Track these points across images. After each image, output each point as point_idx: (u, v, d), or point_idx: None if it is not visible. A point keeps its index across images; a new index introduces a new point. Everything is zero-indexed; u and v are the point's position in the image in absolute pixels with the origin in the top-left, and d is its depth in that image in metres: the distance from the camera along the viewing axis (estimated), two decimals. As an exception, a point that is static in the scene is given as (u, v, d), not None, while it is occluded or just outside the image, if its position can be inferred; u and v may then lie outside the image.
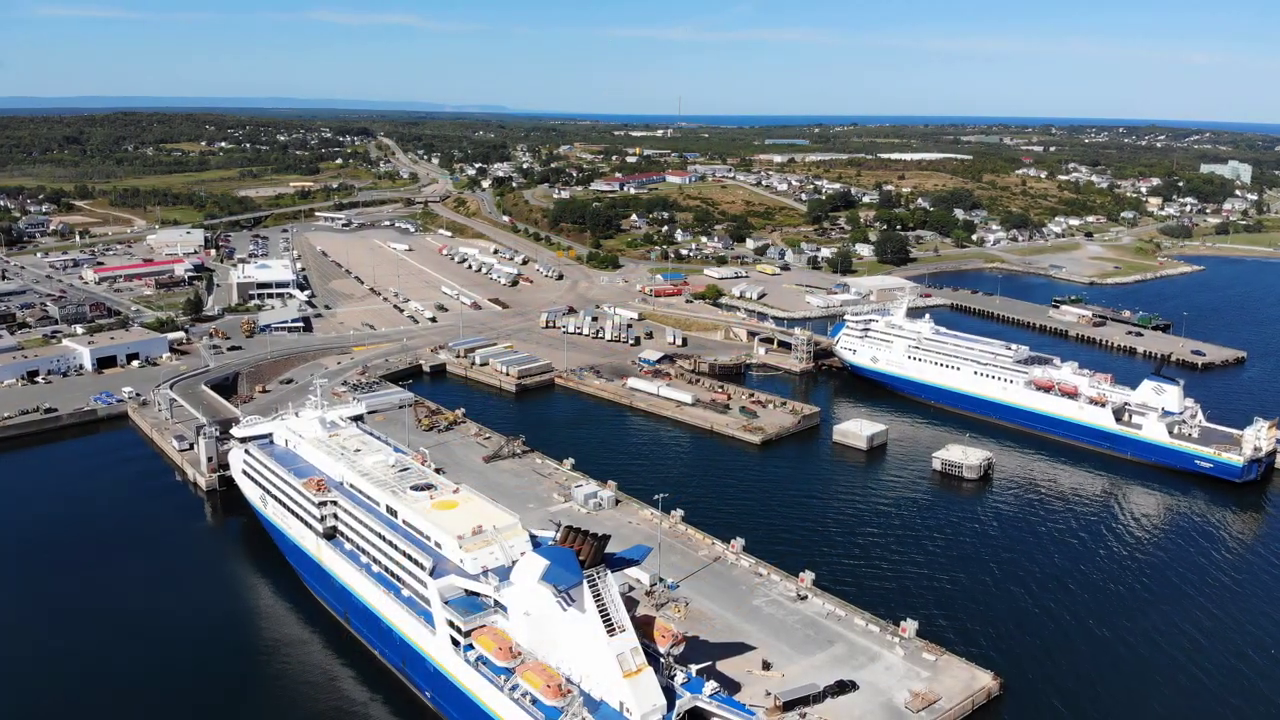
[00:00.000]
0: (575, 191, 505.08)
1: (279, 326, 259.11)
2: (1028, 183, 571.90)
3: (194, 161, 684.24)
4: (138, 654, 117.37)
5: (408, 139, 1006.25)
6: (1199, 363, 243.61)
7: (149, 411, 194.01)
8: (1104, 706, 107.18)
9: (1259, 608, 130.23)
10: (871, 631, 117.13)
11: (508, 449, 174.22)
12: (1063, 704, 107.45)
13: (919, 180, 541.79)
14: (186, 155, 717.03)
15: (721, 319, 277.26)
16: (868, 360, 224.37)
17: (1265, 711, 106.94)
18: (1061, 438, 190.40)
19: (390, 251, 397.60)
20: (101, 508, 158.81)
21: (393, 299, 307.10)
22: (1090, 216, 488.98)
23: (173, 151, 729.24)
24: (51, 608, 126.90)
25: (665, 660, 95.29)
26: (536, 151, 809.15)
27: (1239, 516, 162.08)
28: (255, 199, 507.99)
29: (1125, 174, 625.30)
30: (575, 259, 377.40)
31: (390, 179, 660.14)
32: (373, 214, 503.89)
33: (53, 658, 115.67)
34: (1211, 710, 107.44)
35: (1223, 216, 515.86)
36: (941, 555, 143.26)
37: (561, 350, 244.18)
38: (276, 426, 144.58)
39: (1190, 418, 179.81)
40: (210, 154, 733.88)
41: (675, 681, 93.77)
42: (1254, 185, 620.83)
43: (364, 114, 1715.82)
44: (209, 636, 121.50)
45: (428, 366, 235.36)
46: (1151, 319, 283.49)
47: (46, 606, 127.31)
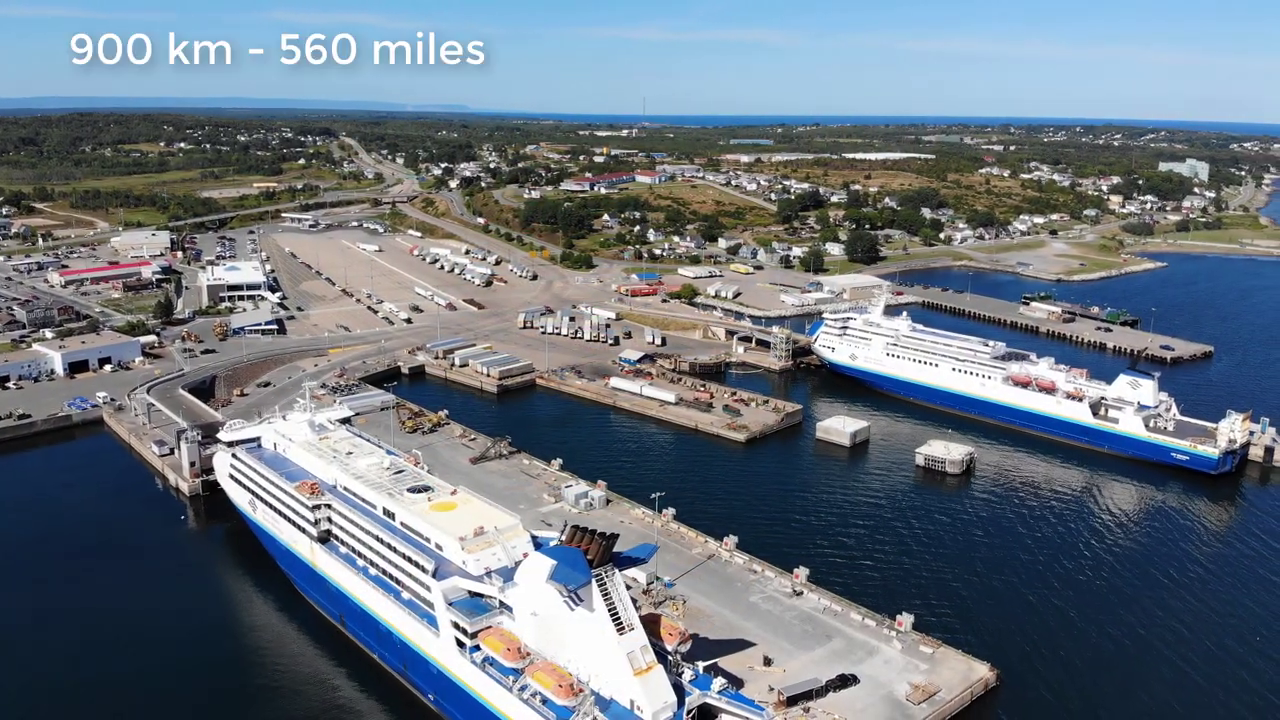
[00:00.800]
0: (545, 191, 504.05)
1: (252, 329, 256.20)
2: (991, 182, 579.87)
3: (153, 162, 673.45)
4: (127, 663, 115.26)
5: (370, 139, 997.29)
6: (1168, 357, 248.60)
7: (125, 416, 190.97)
8: (1096, 697, 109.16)
9: (1237, 597, 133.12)
10: (868, 626, 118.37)
11: (494, 450, 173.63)
12: (1057, 695, 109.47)
13: (885, 180, 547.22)
14: (145, 156, 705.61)
15: (700, 318, 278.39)
16: (846, 358, 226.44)
17: (1248, 699, 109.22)
18: (1040, 432, 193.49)
19: (360, 252, 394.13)
20: (81, 515, 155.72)
21: (366, 300, 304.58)
22: (1054, 214, 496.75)
23: (131, 152, 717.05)
24: (34, 619, 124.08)
25: (673, 658, 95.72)
26: (503, 151, 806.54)
27: (1214, 507, 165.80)
28: (219, 200, 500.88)
29: (1086, 172, 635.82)
30: (549, 259, 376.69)
31: (355, 179, 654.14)
32: (340, 214, 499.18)
33: (36, 670, 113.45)
34: (1197, 698, 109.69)
35: (1183, 214, 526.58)
36: (929, 549, 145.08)
37: (540, 351, 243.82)
38: (264, 430, 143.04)
39: (1165, 411, 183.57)
40: (170, 155, 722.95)
41: (683, 679, 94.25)
42: (1212, 183, 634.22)
43: (324, 114, 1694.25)
44: (200, 643, 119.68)
45: (406, 368, 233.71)
46: (1120, 315, 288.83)
47: (29, 617, 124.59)
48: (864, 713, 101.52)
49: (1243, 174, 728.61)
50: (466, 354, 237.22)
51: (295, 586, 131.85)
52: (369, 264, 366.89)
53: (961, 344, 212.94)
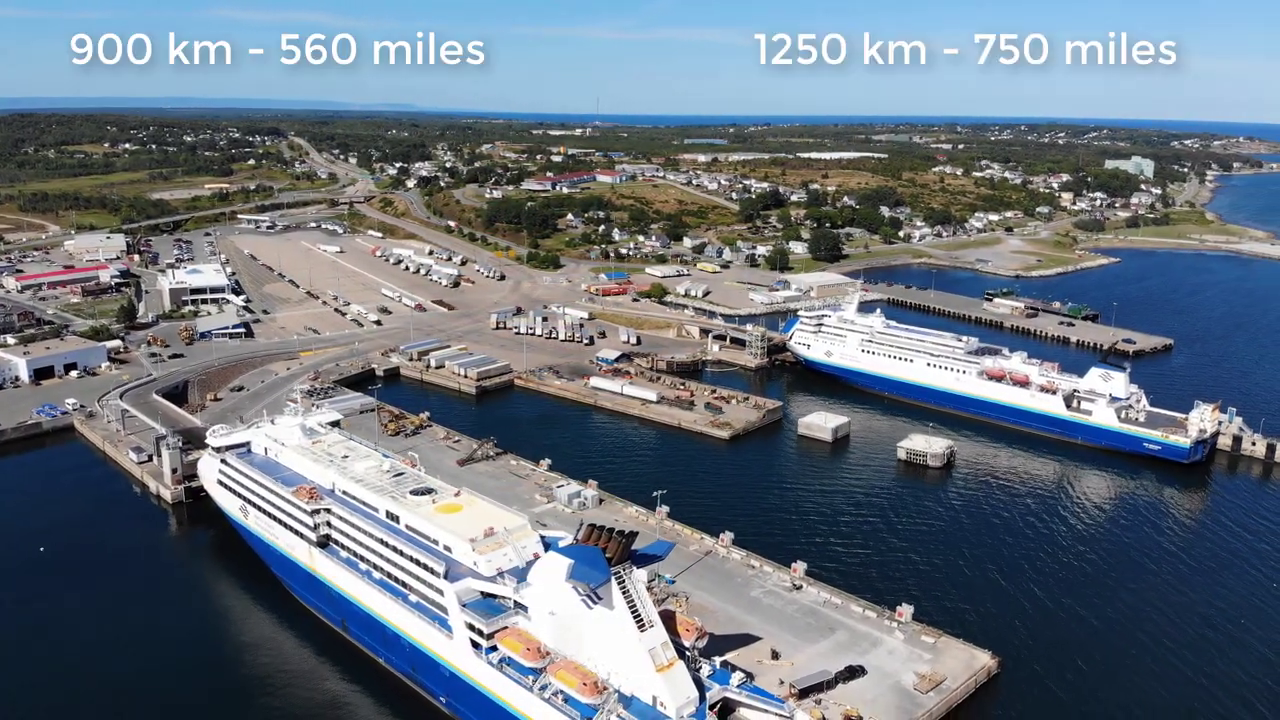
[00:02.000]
0: (507, 191, 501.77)
1: (219, 333, 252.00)
2: (945, 180, 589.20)
3: (99, 164, 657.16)
4: (124, 674, 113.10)
5: (320, 138, 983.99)
6: (1130, 350, 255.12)
7: (98, 423, 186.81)
8: (1092, 681, 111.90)
9: (1214, 581, 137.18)
10: (869, 617, 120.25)
11: (480, 452, 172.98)
12: (1055, 680, 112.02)
13: (842, 179, 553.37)
14: (90, 157, 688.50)
15: (673, 317, 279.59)
16: (822, 355, 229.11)
17: (1231, 686, 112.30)
18: (1015, 425, 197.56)
19: (321, 254, 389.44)
20: (59, 525, 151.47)
21: (332, 302, 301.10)
22: (1008, 212, 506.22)
23: (75, 154, 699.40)
24: (19, 634, 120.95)
25: (691, 654, 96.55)
26: (459, 150, 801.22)
27: (1187, 496, 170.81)
28: (171, 202, 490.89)
29: (1036, 170, 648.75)
30: (515, 259, 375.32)
31: (308, 179, 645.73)
32: (296, 215, 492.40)
33: (21, 688, 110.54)
34: (1185, 682, 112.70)
35: (1131, 210, 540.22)
36: (918, 540, 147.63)
37: (515, 351, 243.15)
38: (254, 434, 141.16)
39: (1136, 403, 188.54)
40: (115, 156, 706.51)
41: (701, 674, 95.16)
42: (1157, 180, 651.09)
43: (270, 113, 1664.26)
44: (197, 652, 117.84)
45: (380, 370, 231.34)
46: (1081, 309, 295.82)
47: (12, 631, 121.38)
48: (874, 703, 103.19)
49: (1186, 170, 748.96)
50: (442, 355, 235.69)
51: (292, 593, 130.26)
52: (331, 265, 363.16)
53: (935, 339, 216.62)
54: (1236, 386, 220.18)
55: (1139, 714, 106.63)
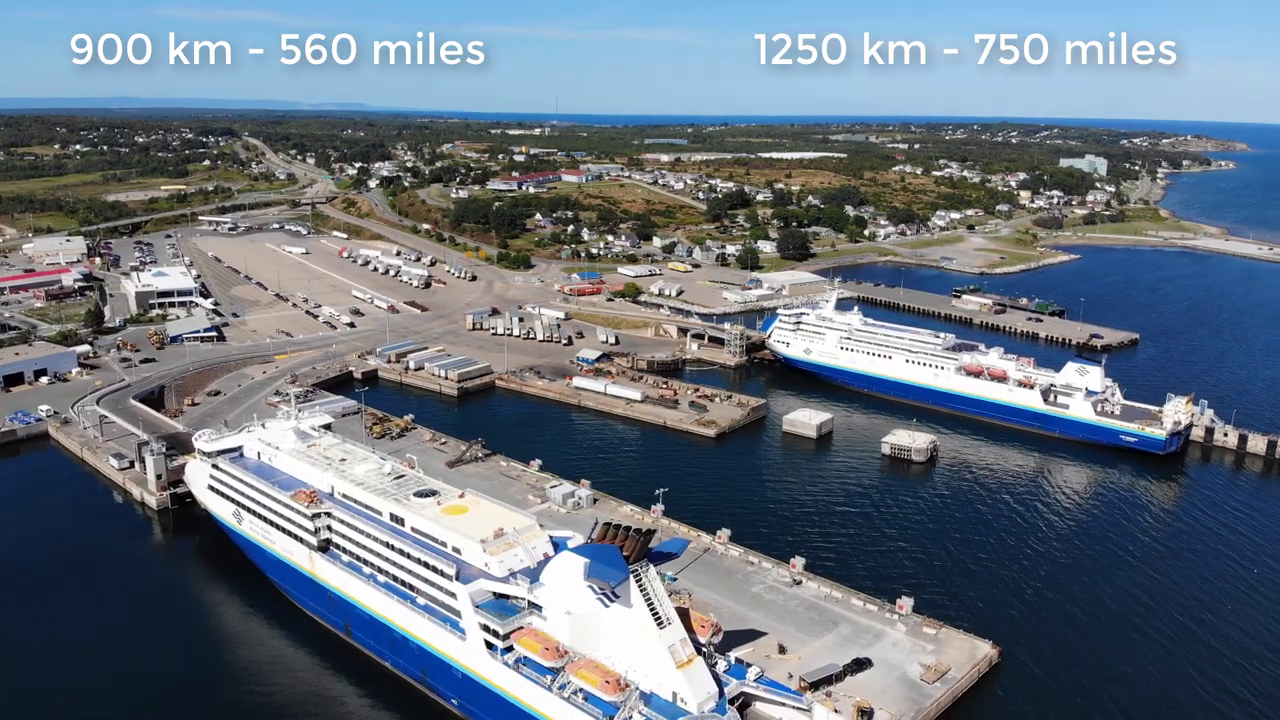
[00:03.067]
0: (473, 190, 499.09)
1: (190, 336, 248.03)
2: (906, 179, 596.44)
3: (50, 166, 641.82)
4: (120, 686, 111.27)
5: (275, 139, 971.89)
6: (1098, 345, 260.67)
7: (74, 430, 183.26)
8: (1088, 672, 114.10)
9: (1195, 570, 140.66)
10: (870, 610, 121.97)
11: (469, 453, 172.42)
12: (1054, 668, 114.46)
13: (806, 179, 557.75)
14: (41, 159, 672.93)
15: (651, 317, 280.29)
16: (801, 352, 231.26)
17: (1219, 677, 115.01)
18: (994, 419, 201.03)
19: (286, 255, 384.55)
20: (41, 535, 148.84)
21: (303, 304, 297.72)
22: (969, 210, 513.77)
23: (25, 156, 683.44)
24: (3, 649, 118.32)
25: (707, 649, 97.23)
26: (419, 150, 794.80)
27: (1164, 486, 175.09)
28: (128, 204, 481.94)
29: (994, 169, 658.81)
30: (486, 259, 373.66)
31: (267, 180, 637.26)
32: (258, 217, 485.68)
33: (10, 704, 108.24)
34: (1174, 669, 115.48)
35: (1088, 208, 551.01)
36: (908, 533, 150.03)
37: (493, 352, 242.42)
38: (246, 439, 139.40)
39: (1111, 396, 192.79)
40: (66, 157, 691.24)
41: (718, 669, 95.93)
42: (1111, 178, 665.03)
43: (218, 113, 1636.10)
44: (195, 661, 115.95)
45: (359, 373, 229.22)
46: (1048, 306, 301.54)
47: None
48: (883, 694, 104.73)
49: (1137, 169, 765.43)
50: (421, 357, 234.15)
51: (290, 598, 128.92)
52: (298, 267, 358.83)
53: (913, 336, 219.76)
54: (1204, 379, 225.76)
55: (1134, 703, 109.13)
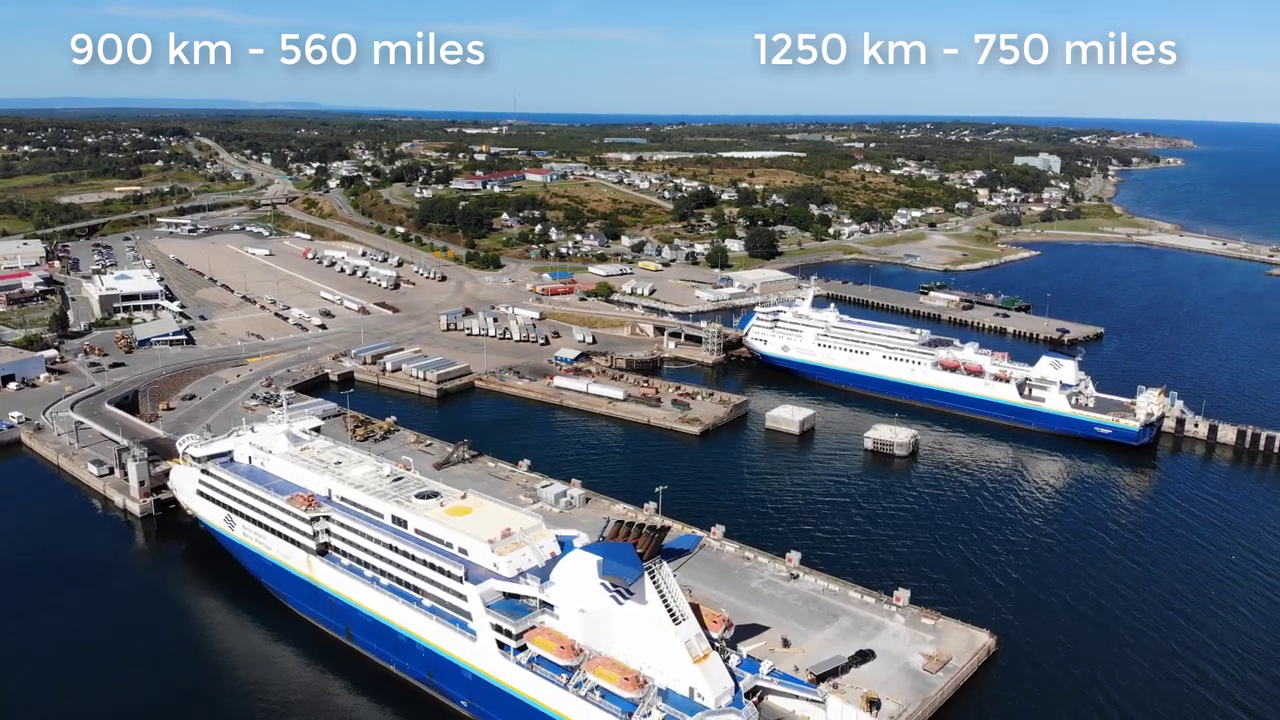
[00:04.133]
0: (437, 190, 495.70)
1: (159, 340, 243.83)
2: (866, 178, 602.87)
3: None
4: (107, 700, 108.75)
5: (228, 138, 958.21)
6: (1065, 339, 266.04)
7: (48, 436, 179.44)
8: (1080, 660, 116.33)
9: (1172, 557, 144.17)
10: (869, 603, 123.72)
11: (456, 455, 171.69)
12: (1049, 658, 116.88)
13: (769, 178, 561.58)
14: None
15: (626, 316, 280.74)
16: (779, 349, 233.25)
17: (1197, 656, 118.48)
18: (971, 413, 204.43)
19: (250, 257, 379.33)
20: (21, 546, 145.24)
21: (271, 306, 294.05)
22: (929, 208, 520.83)
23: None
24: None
25: (720, 644, 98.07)
26: (377, 149, 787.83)
27: (1138, 476, 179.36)
28: (82, 206, 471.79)
29: (951, 167, 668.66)
30: (454, 259, 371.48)
31: (223, 181, 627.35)
32: (218, 218, 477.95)
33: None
34: (1161, 656, 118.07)
35: (1045, 205, 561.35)
36: (896, 526, 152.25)
37: (470, 353, 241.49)
38: (236, 443, 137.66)
39: (1084, 389, 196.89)
40: (14, 159, 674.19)
41: (731, 664, 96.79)
42: (1064, 175, 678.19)
43: (165, 113, 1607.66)
44: (192, 670, 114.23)
45: (334, 375, 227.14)
46: (1014, 301, 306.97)
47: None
48: (888, 684, 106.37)
49: (1089, 166, 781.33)
50: (398, 358, 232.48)
51: (287, 603, 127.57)
52: (262, 269, 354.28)
53: (890, 332, 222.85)
54: (1170, 372, 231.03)
55: (1125, 689, 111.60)
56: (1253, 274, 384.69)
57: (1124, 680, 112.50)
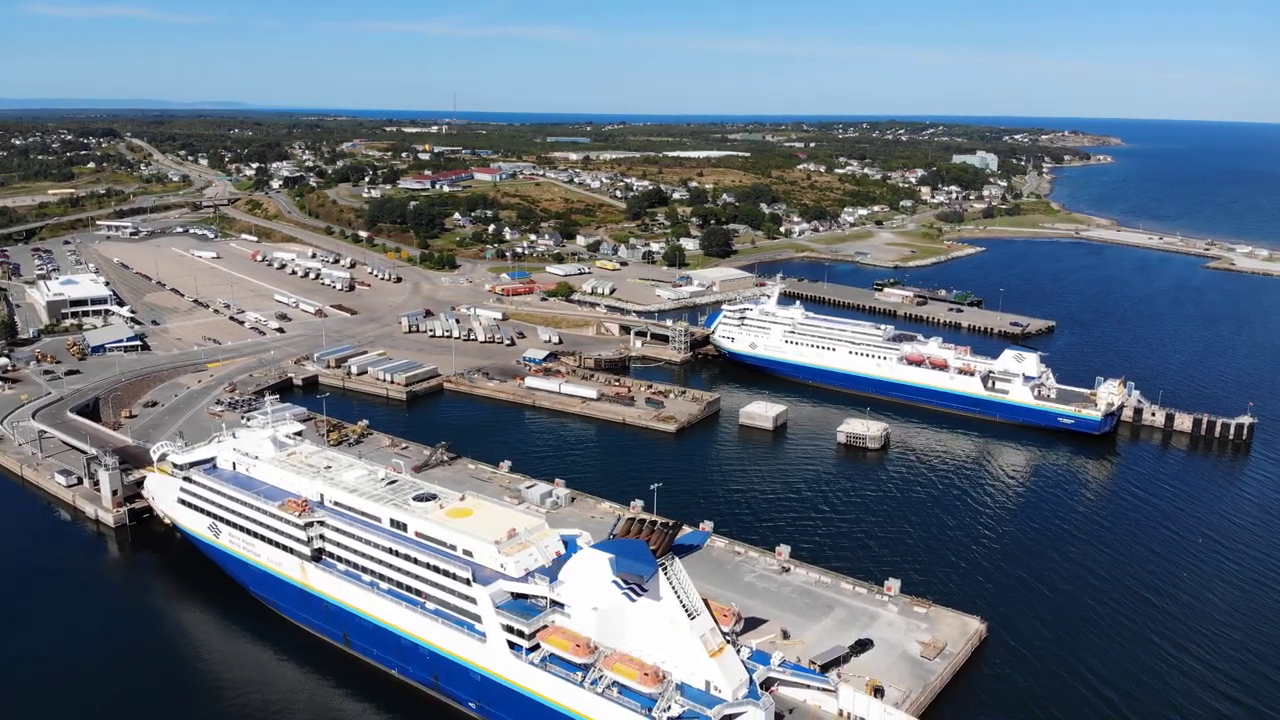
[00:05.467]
0: (385, 190, 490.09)
1: (113, 346, 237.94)
2: (812, 177, 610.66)
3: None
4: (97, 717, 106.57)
5: (160, 139, 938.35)
6: (1019, 333, 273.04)
7: (9, 446, 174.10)
8: (1064, 642, 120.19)
9: (1139, 540, 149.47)
10: (861, 593, 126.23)
11: (435, 457, 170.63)
12: (1036, 641, 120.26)
13: (718, 177, 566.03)
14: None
15: (591, 315, 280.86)
16: (746, 347, 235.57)
17: (1169, 634, 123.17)
18: (936, 406, 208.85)
19: (197, 260, 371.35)
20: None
21: (225, 310, 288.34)
22: (875, 206, 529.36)
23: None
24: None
25: (730, 638, 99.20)
26: (317, 149, 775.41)
27: (1101, 464, 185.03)
28: (16, 209, 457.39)
29: (892, 166, 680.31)
30: (408, 260, 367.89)
31: (160, 182, 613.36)
32: (159, 221, 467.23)
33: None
34: (1138, 635, 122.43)
35: (986, 202, 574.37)
36: (876, 517, 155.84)
37: (434, 354, 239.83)
38: (219, 450, 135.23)
39: (1046, 381, 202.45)
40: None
41: (741, 656, 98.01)
42: (1001, 173, 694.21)
43: (90, 113, 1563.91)
44: (177, 683, 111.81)
45: (299, 380, 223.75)
46: (966, 296, 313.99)
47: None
48: (889, 672, 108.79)
49: (1024, 164, 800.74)
50: (363, 361, 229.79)
51: (278, 611, 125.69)
52: (211, 271, 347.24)
53: (855, 328, 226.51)
54: (1122, 363, 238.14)
55: (1108, 668, 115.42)
56: (1190, 268, 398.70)
57: (1106, 661, 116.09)
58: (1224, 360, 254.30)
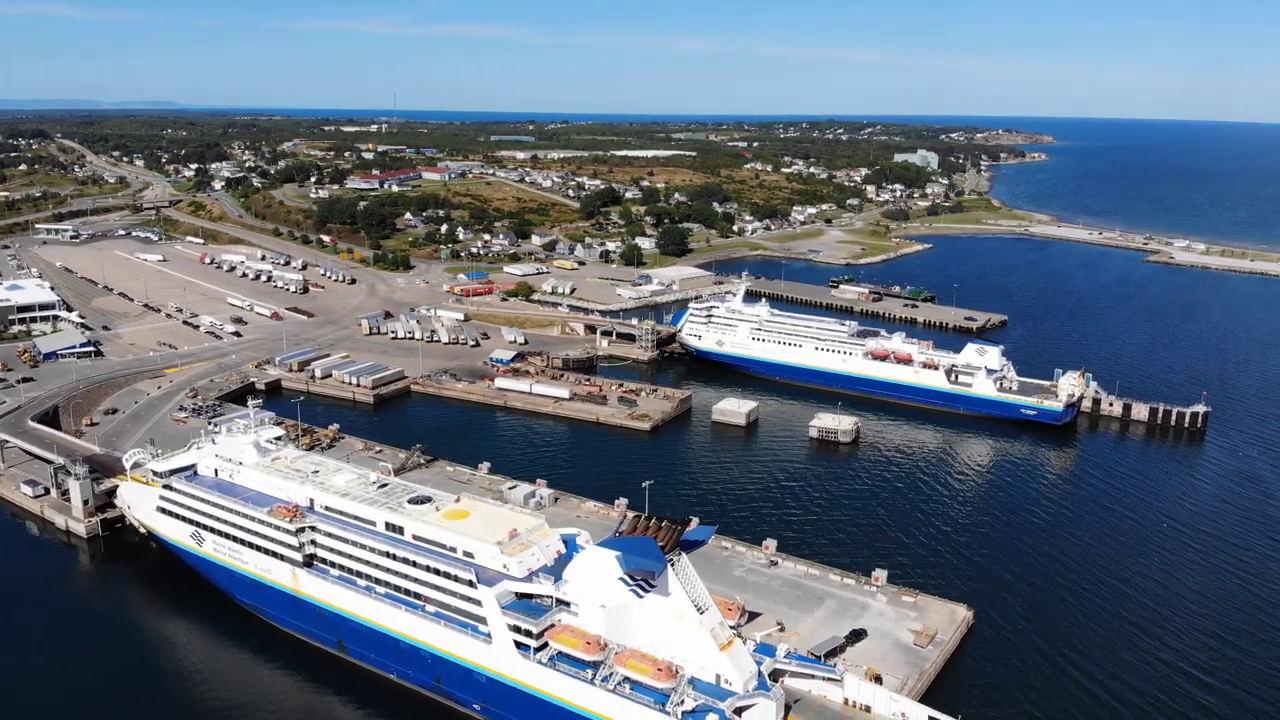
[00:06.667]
0: (332, 190, 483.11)
1: (65, 352, 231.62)
2: (760, 176, 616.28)
3: None
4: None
5: (91, 139, 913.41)
6: (973, 327, 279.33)
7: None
8: (1046, 628, 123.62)
9: (1105, 527, 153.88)
10: (849, 584, 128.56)
11: (411, 460, 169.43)
12: (1020, 627, 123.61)
13: (668, 176, 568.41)
14: None
15: (555, 315, 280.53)
16: (713, 344, 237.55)
17: (1140, 619, 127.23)
18: (902, 400, 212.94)
19: (143, 263, 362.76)
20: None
21: (177, 315, 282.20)
22: (823, 205, 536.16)
23: None
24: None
25: (736, 631, 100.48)
26: (258, 149, 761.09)
27: (1063, 454, 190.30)
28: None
29: (837, 165, 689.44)
30: (361, 261, 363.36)
31: (96, 184, 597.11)
32: (100, 223, 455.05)
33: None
34: (1112, 619, 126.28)
35: (929, 199, 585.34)
36: (855, 509, 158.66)
37: (398, 356, 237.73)
38: (199, 456, 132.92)
39: (1007, 373, 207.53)
40: None
41: (747, 649, 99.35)
42: (942, 171, 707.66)
43: (17, 113, 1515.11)
44: (165, 696, 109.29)
45: (261, 384, 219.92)
46: (920, 292, 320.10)
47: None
48: (884, 660, 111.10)
49: (963, 162, 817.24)
50: (326, 365, 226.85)
51: (267, 619, 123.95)
52: (158, 275, 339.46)
53: (820, 325, 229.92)
54: (1075, 355, 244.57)
55: (1088, 652, 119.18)
56: (1131, 262, 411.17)
57: (1086, 645, 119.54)
58: (1172, 352, 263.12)
